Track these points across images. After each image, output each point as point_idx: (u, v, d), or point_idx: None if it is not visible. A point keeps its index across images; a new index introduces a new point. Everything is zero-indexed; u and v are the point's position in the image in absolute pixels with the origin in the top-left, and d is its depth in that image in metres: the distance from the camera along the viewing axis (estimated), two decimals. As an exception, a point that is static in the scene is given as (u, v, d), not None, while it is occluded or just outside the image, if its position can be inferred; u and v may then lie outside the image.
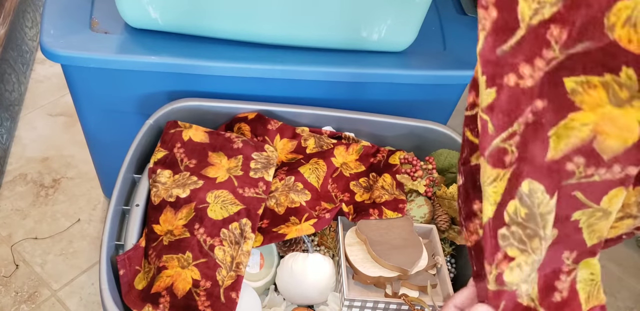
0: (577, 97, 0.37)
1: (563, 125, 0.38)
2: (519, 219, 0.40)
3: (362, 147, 1.01)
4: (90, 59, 0.96)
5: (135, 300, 0.79)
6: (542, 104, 0.38)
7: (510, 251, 0.40)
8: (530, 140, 0.39)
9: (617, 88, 0.36)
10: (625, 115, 0.36)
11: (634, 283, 1.47)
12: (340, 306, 0.85)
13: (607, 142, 0.38)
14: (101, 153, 1.25)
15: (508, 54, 0.38)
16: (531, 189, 0.40)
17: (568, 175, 0.39)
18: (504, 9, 0.37)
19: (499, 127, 0.40)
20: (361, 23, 0.98)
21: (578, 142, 0.38)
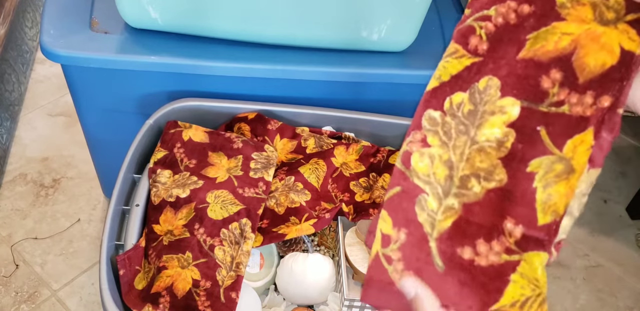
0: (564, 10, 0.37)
1: (544, 30, 0.38)
2: (459, 113, 0.38)
3: (362, 147, 1.01)
4: (90, 59, 0.96)
5: (135, 300, 0.79)
6: (528, 9, 0.38)
7: (431, 138, 0.38)
8: (506, 39, 0.38)
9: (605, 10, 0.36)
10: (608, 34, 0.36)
11: (634, 283, 1.47)
12: (340, 306, 0.85)
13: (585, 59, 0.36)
14: (101, 153, 1.25)
15: None
16: (487, 85, 0.38)
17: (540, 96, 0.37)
18: None
19: (476, 9, 0.40)
20: (361, 23, 0.98)
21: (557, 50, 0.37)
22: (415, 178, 0.38)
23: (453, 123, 0.38)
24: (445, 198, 0.37)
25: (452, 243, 0.36)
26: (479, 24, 0.39)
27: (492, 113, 0.37)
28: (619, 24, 0.36)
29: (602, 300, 1.43)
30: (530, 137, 0.36)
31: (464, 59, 0.39)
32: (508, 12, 0.38)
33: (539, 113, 0.36)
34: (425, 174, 0.38)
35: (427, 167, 0.38)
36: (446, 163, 0.37)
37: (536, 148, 0.36)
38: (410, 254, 0.37)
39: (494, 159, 0.37)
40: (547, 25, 0.38)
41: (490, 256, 0.36)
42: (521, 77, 0.37)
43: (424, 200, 0.37)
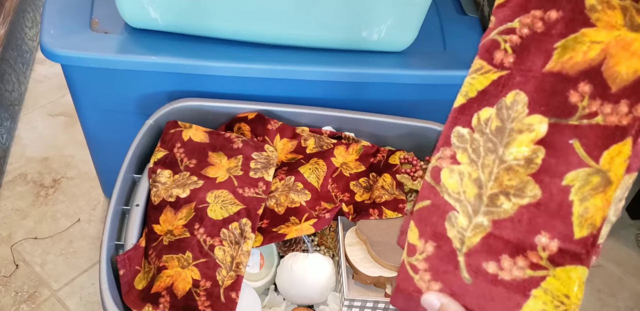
0: (594, 14, 0.36)
1: (573, 38, 0.36)
2: (487, 130, 0.38)
3: (362, 147, 1.01)
4: (90, 59, 0.96)
5: (135, 300, 0.79)
6: (555, 15, 0.37)
7: (460, 155, 0.38)
8: (534, 50, 0.37)
9: (635, 13, 0.35)
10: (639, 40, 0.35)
11: (634, 283, 1.47)
12: (340, 306, 0.85)
13: (616, 68, 0.35)
14: (101, 153, 1.25)
15: None
16: (515, 101, 0.37)
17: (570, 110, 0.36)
18: None
19: (500, 20, 0.38)
20: (361, 23, 0.98)
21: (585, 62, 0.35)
22: (446, 194, 0.38)
23: (481, 140, 0.38)
24: (475, 217, 0.37)
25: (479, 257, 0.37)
26: (503, 37, 0.38)
27: (520, 131, 0.36)
28: None
29: (602, 300, 1.43)
30: (563, 151, 0.35)
31: (490, 73, 0.38)
32: (534, 22, 0.37)
33: (570, 127, 0.35)
34: (456, 192, 0.38)
35: (456, 184, 0.38)
36: (475, 182, 0.37)
37: (570, 161, 0.35)
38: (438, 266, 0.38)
39: (523, 176, 0.36)
40: (576, 31, 0.36)
41: (514, 271, 0.36)
42: (548, 93, 0.36)
43: (454, 217, 0.38)
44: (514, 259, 0.36)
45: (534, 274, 0.35)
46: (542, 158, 0.36)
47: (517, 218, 0.36)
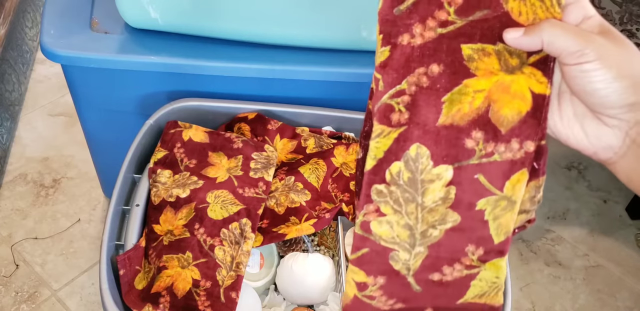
0: (472, 64, 0.39)
1: (457, 90, 0.40)
2: (401, 181, 0.41)
3: (362, 147, 1.01)
4: (90, 59, 0.96)
5: (135, 300, 0.79)
6: (438, 69, 0.40)
7: (383, 207, 0.42)
8: (424, 104, 0.40)
9: (508, 56, 0.39)
10: (516, 81, 0.39)
11: (634, 283, 1.47)
12: (340, 306, 0.85)
13: (502, 112, 0.39)
14: (101, 153, 1.25)
15: (404, 13, 0.40)
16: (418, 153, 0.41)
17: (469, 154, 0.40)
18: None
19: (389, 84, 0.41)
20: (361, 23, 0.98)
21: (473, 111, 0.40)
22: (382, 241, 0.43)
23: (399, 192, 0.42)
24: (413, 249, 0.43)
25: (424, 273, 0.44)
26: (395, 100, 0.41)
27: (431, 181, 0.41)
28: (524, 68, 0.39)
29: (601, 300, 1.43)
30: (471, 185, 0.41)
31: (391, 133, 0.41)
32: (419, 78, 0.40)
33: (472, 166, 0.40)
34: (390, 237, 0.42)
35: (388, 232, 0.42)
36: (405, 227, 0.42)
37: (479, 191, 0.41)
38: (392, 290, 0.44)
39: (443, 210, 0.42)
40: (460, 83, 0.40)
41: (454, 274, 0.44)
42: (446, 144, 0.40)
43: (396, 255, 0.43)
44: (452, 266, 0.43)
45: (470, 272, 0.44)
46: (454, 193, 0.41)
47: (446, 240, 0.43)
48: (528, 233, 1.53)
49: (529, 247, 1.51)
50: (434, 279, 0.44)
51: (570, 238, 1.54)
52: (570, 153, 1.73)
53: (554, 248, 1.52)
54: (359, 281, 0.44)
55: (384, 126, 0.41)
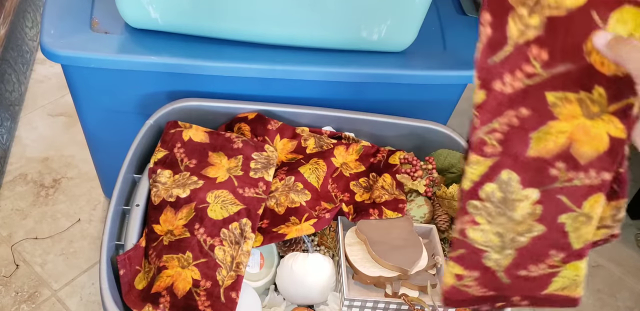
0: (556, 109, 0.46)
1: (543, 130, 0.47)
2: (494, 199, 0.50)
3: (362, 147, 1.01)
4: (90, 59, 0.96)
5: (136, 300, 0.79)
6: (526, 112, 0.47)
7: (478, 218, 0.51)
8: (514, 139, 0.48)
9: (590, 104, 0.45)
10: (596, 126, 0.45)
11: (634, 283, 1.47)
12: (340, 306, 0.85)
13: (582, 149, 0.46)
14: (101, 153, 1.25)
15: (497, 64, 0.48)
16: (509, 178, 0.49)
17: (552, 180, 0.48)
18: (497, 28, 0.46)
19: (483, 122, 0.49)
20: (361, 23, 0.98)
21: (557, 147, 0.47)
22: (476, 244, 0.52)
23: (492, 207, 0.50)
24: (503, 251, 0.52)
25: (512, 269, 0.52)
26: (489, 136, 0.49)
27: (520, 200, 0.49)
28: (604, 115, 0.45)
29: (601, 300, 1.43)
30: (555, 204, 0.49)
31: (486, 162, 0.49)
32: (510, 119, 0.48)
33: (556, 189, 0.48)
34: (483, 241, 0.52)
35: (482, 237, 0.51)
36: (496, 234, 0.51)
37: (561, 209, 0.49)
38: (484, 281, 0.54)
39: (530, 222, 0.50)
40: (544, 124, 0.47)
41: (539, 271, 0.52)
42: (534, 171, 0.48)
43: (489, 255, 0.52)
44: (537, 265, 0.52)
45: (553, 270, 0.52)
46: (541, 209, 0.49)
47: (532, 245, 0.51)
48: (528, 233, 1.53)
49: (529, 247, 1.51)
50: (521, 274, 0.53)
51: (570, 238, 1.54)
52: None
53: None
54: (457, 274, 0.53)
55: (479, 157, 0.50)
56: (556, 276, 0.52)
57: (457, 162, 1.01)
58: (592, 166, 0.47)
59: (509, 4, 0.46)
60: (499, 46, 0.47)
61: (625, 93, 0.44)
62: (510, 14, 0.46)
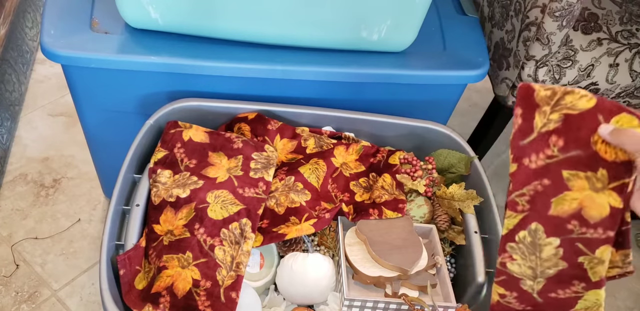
0: (569, 183, 0.62)
1: (560, 197, 0.63)
2: (526, 242, 0.66)
3: (362, 147, 1.01)
4: (90, 59, 0.96)
5: (136, 300, 0.79)
6: (548, 182, 0.63)
7: (514, 255, 0.67)
8: (539, 202, 0.64)
9: (595, 181, 0.60)
10: (600, 197, 0.61)
11: (634, 283, 1.47)
12: (340, 306, 0.85)
13: (590, 213, 0.61)
14: (101, 153, 1.25)
15: (526, 146, 0.63)
16: (536, 228, 0.65)
17: (570, 232, 0.63)
18: (526, 119, 0.62)
19: (515, 188, 0.65)
20: (361, 23, 0.98)
21: (571, 210, 0.62)
22: (514, 273, 0.68)
23: (524, 248, 0.66)
24: (535, 279, 0.67)
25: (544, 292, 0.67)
26: (519, 199, 0.65)
27: (545, 245, 0.65)
28: (605, 190, 0.60)
29: (602, 300, 1.42)
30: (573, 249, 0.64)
31: (518, 216, 0.65)
32: (536, 187, 0.64)
33: (573, 238, 0.63)
34: (519, 272, 0.67)
35: (518, 269, 0.67)
36: (529, 267, 0.67)
37: (578, 252, 0.64)
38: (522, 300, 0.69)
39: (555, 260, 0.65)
40: (561, 193, 0.63)
41: (565, 295, 0.67)
42: (555, 225, 0.64)
43: (524, 281, 0.68)
44: (564, 290, 0.66)
45: (577, 295, 0.66)
46: (562, 252, 0.64)
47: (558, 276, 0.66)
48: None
49: (529, 247, 1.51)
50: (551, 296, 0.67)
51: (570, 238, 1.54)
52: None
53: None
54: (500, 293, 0.69)
55: (512, 212, 0.66)
56: (581, 298, 0.67)
57: (457, 162, 1.01)
58: (599, 225, 0.62)
59: (536, 103, 0.61)
60: (528, 133, 0.62)
61: (622, 175, 0.59)
62: (537, 110, 0.61)
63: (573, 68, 1.15)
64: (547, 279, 0.66)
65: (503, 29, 1.20)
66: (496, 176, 1.64)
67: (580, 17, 1.18)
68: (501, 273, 0.68)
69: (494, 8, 1.25)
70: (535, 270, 0.66)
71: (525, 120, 0.62)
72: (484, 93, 1.79)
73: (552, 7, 1.03)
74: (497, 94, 1.26)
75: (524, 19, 1.11)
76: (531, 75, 1.15)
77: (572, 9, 1.03)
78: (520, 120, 0.62)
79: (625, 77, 1.17)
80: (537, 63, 1.13)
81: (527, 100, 0.62)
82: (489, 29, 1.27)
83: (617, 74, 1.16)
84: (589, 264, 0.64)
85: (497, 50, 1.23)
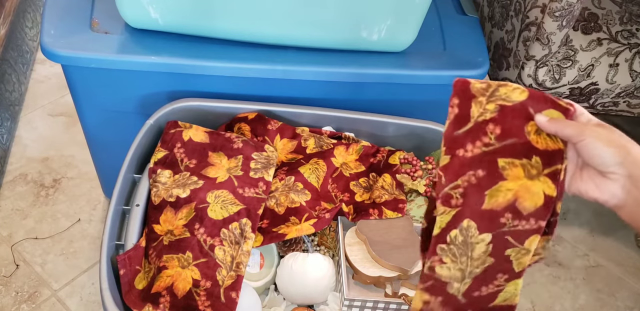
0: (505, 172, 0.62)
1: (495, 188, 0.62)
2: (457, 242, 0.64)
3: (362, 147, 1.01)
4: (90, 59, 0.96)
5: (136, 300, 0.79)
6: (482, 173, 0.62)
7: (444, 258, 0.65)
8: (472, 194, 0.63)
9: (530, 168, 0.61)
10: (535, 185, 0.61)
11: (634, 283, 1.47)
12: (340, 306, 0.85)
13: (524, 204, 0.62)
14: (101, 153, 1.25)
15: (461, 135, 0.63)
16: (468, 226, 0.63)
17: (503, 225, 0.63)
18: (462, 109, 0.63)
19: (449, 180, 0.63)
20: (361, 23, 0.98)
21: (505, 202, 0.62)
22: (443, 278, 0.65)
23: (455, 249, 0.64)
24: (463, 281, 0.65)
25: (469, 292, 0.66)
26: (453, 191, 0.63)
27: (477, 242, 0.64)
28: (540, 177, 0.61)
29: (601, 300, 1.43)
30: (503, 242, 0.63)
31: (451, 212, 0.63)
32: (470, 178, 0.63)
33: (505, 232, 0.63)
34: (448, 276, 0.65)
35: (447, 272, 0.65)
36: (459, 270, 0.65)
37: (508, 246, 0.64)
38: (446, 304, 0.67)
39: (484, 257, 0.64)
40: (496, 183, 0.62)
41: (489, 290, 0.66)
42: (488, 220, 0.63)
43: (452, 284, 0.65)
44: (488, 286, 0.66)
45: (498, 288, 0.66)
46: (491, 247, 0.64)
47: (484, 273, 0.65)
48: (528, 233, 1.53)
49: (529, 247, 1.51)
50: (474, 295, 0.66)
51: (570, 238, 1.54)
52: (570, 153, 1.73)
53: (554, 248, 1.52)
54: (425, 300, 0.67)
55: (446, 207, 0.63)
56: (501, 291, 0.67)
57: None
58: (531, 216, 0.63)
59: (472, 94, 0.63)
60: (464, 122, 0.63)
61: (555, 162, 0.61)
62: (473, 100, 0.63)
63: (573, 68, 1.15)
64: (473, 279, 0.65)
65: (503, 29, 1.20)
66: (496, 176, 1.64)
67: (580, 17, 1.18)
68: (428, 279, 0.66)
69: (494, 8, 1.25)
70: (465, 271, 0.65)
71: (461, 109, 0.64)
72: (484, 93, 1.79)
73: (552, 7, 1.03)
74: (497, 94, 1.25)
75: (524, 19, 1.11)
76: (531, 75, 1.15)
77: (572, 9, 1.03)
78: (457, 109, 0.64)
79: (625, 77, 1.17)
80: (537, 63, 1.13)
81: (463, 92, 0.63)
82: (489, 29, 1.27)
83: (617, 74, 1.16)
84: (515, 255, 0.65)
85: (497, 50, 1.23)
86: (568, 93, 1.19)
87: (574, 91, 1.18)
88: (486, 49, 1.11)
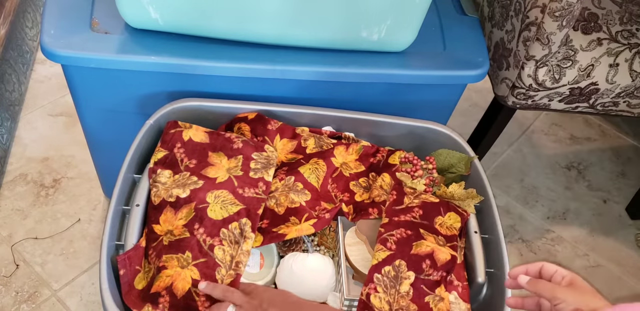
0: (425, 236, 0.88)
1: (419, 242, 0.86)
2: (389, 275, 0.81)
3: (362, 147, 1.01)
4: (90, 59, 0.96)
5: (135, 300, 0.79)
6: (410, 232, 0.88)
7: (378, 287, 0.81)
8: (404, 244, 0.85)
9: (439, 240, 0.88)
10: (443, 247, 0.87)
11: (634, 283, 1.47)
12: (340, 306, 0.85)
13: (439, 256, 0.85)
14: (101, 153, 1.25)
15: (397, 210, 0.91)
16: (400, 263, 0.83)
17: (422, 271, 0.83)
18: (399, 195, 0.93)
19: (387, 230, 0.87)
20: (361, 23, 0.98)
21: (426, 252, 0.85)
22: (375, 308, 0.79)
23: (387, 281, 0.81)
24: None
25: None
26: (390, 237, 0.85)
27: (405, 278, 0.82)
28: (445, 247, 0.87)
29: (602, 300, 1.42)
30: (419, 290, 0.82)
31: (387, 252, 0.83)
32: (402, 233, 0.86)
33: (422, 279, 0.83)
34: (379, 306, 0.79)
35: (379, 303, 0.79)
36: (387, 302, 0.80)
37: (424, 294, 0.82)
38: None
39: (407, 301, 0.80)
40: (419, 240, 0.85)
41: None
42: (414, 262, 0.83)
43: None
44: None
45: None
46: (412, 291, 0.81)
47: None
48: (528, 233, 1.53)
49: (529, 247, 1.51)
50: None
51: (570, 238, 1.54)
52: (570, 153, 1.73)
53: (554, 248, 1.52)
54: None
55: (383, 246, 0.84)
56: None
57: (457, 162, 1.01)
58: (442, 268, 0.84)
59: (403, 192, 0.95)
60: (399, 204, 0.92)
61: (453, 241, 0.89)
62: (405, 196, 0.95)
63: (573, 68, 1.15)
64: None
65: (503, 29, 1.20)
66: (496, 176, 1.64)
67: (580, 17, 1.18)
68: (364, 307, 0.79)
69: (494, 8, 1.25)
70: (392, 305, 0.79)
71: (398, 196, 0.92)
72: (484, 93, 1.79)
73: (552, 7, 1.03)
74: (497, 94, 1.26)
75: (524, 19, 1.11)
76: (531, 75, 1.15)
77: (572, 9, 1.03)
78: (396, 195, 0.92)
79: (625, 77, 1.17)
80: (537, 63, 1.13)
81: None
82: (489, 29, 1.27)
83: (617, 74, 1.16)
84: (433, 302, 0.81)
85: (497, 50, 1.23)
86: (568, 94, 1.19)
87: (574, 91, 1.19)
88: (486, 49, 1.11)
